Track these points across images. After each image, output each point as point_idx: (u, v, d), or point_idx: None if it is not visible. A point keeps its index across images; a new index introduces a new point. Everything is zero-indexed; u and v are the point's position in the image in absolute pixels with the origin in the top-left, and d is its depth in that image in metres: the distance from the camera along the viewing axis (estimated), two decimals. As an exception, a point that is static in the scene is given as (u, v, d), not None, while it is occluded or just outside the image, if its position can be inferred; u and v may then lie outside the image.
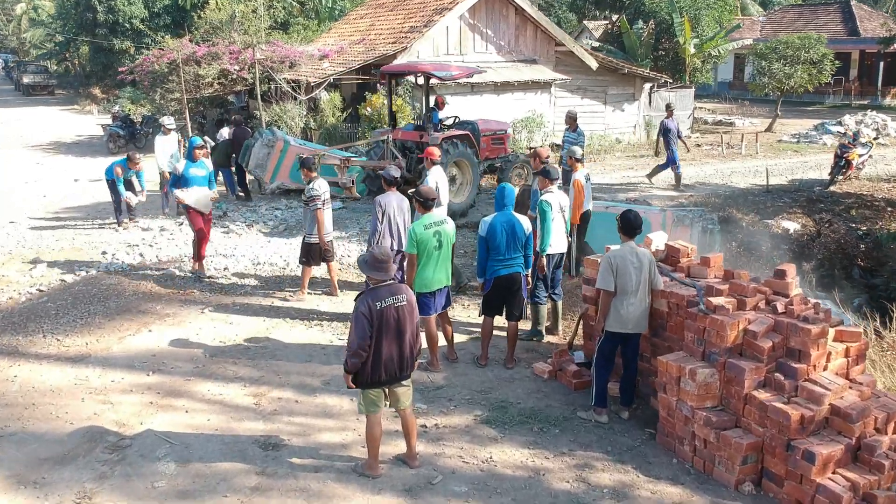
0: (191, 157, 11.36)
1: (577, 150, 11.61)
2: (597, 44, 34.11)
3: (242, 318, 10.06)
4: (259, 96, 21.25)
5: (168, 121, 15.79)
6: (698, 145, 27.15)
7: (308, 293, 10.91)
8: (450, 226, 8.31)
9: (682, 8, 30.21)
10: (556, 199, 9.24)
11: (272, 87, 23.90)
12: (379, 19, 27.86)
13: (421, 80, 16.70)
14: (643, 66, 30.41)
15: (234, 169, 17.33)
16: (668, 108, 19.53)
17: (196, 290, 11.10)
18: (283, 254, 12.81)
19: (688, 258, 7.90)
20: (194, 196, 11.29)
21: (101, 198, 16.65)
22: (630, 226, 7.16)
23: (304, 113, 22.78)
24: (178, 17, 43.24)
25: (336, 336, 9.45)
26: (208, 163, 11.74)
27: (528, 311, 9.49)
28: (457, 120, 16.79)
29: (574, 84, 26.32)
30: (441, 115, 16.14)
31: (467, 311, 10.44)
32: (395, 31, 25.17)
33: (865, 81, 45.78)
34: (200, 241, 11.49)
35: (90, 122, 36.03)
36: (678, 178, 18.47)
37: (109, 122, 30.44)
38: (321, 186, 10.59)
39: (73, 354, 8.91)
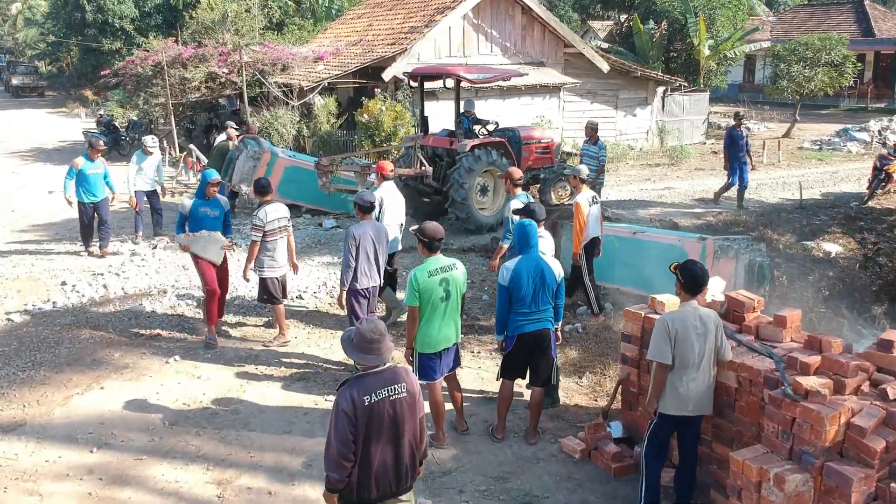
0: (202, 193, 9.24)
1: (583, 170, 10.29)
2: (604, 45, 32.57)
3: (214, 368, 8.55)
4: (246, 101, 19.72)
5: (151, 142, 13.92)
6: (714, 153, 25.62)
7: (294, 336, 9.40)
8: (459, 271, 6.79)
9: (696, 7, 28.69)
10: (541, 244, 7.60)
11: (264, 90, 22.36)
12: (377, 19, 26.35)
13: (450, 84, 15.24)
14: (655, 68, 28.90)
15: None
16: (737, 117, 17.10)
17: (163, 330, 9.59)
18: (267, 284, 11.29)
19: (754, 314, 6.38)
20: (201, 242, 9.12)
21: (76, 213, 15.13)
22: (694, 281, 5.64)
23: (297, 119, 21.27)
24: (169, 16, 41.83)
25: (323, 395, 7.94)
26: (223, 201, 9.54)
27: (558, 375, 7.91)
28: (496, 126, 15.50)
29: (584, 88, 24.82)
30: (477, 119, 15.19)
31: (477, 360, 8.92)
32: (394, 32, 23.66)
33: (881, 84, 44.28)
34: (210, 298, 9.21)
35: (77, 126, 34.51)
36: (741, 195, 16.72)
37: (94, 126, 28.98)
38: (268, 214, 9.06)
39: (5, 421, 7.39)
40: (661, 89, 27.02)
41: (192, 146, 20.66)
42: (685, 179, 20.20)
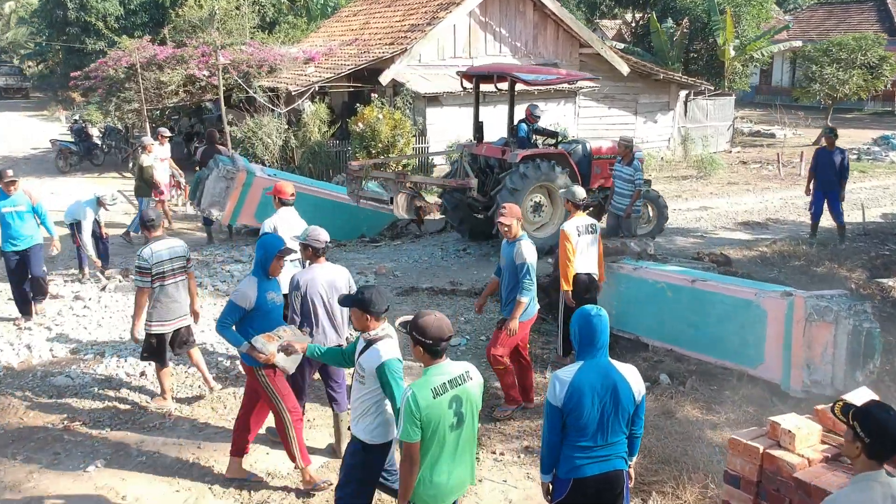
0: (265, 268, 6.01)
1: (578, 192, 8.52)
2: (619, 45, 30.33)
3: (147, 480, 6.32)
4: (223, 108, 17.47)
5: (110, 199, 11.55)
6: (744, 162, 23.43)
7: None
8: (475, 382, 4.56)
9: (720, 4, 26.45)
10: None
11: (249, 94, 20.11)
12: (374, 16, 24.12)
13: (504, 86, 13.26)
14: (674, 70, 26.68)
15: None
16: (830, 133, 13.44)
17: (86, 420, 7.34)
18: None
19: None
20: (288, 359, 5.86)
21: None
22: (887, 441, 3.38)
23: (284, 128, 19.05)
24: (156, 14, 39.63)
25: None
26: (284, 284, 6.63)
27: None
28: (562, 137, 13.42)
29: (601, 92, 22.62)
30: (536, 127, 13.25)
31: (501, 468, 6.67)
32: (392, 31, 21.44)
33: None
34: (298, 422, 6.17)
35: (55, 131, 32.29)
36: (841, 230, 13.39)
37: (69, 133, 26.75)
38: (155, 254, 7.07)
39: None
40: (682, 93, 24.82)
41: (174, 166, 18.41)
42: (720, 196, 17.97)
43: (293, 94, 18.88)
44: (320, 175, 18.51)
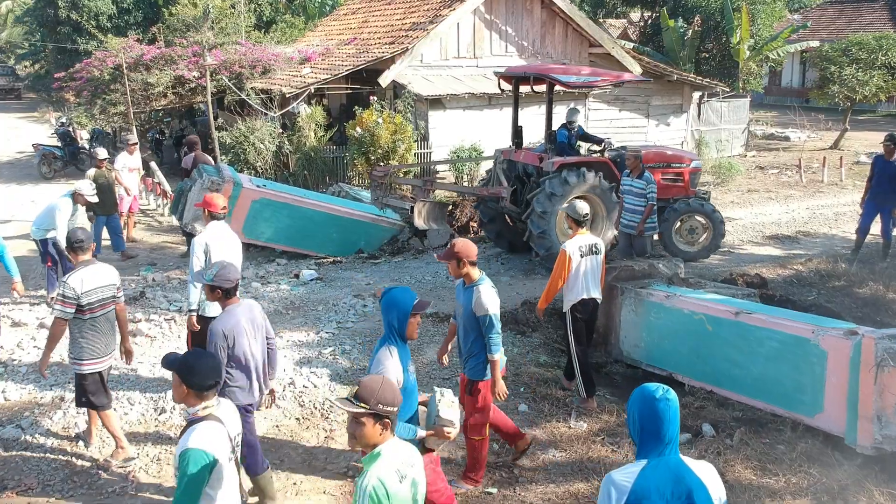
0: (401, 332, 4.90)
1: (580, 208, 7.73)
2: (628, 44, 29.21)
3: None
4: (211, 112, 16.37)
5: (89, 189, 10.28)
6: (761, 168, 22.34)
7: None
8: (420, 465, 3.59)
9: (735, 2, 25.34)
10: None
11: (241, 97, 19.02)
12: (374, 14, 23.03)
13: (541, 88, 12.18)
14: (686, 70, 25.59)
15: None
16: (890, 142, 11.55)
17: (33, 485, 6.24)
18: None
19: None
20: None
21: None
22: None
23: (279, 132, 17.96)
24: (150, 13, 38.59)
25: None
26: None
27: None
28: (607, 145, 12.28)
29: (611, 94, 21.50)
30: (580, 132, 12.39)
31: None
32: (393, 29, 20.35)
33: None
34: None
35: (45, 133, 31.23)
36: (886, 246, 11.97)
37: (56, 137, 25.64)
38: (84, 282, 6.12)
39: None
40: (696, 95, 23.71)
41: (153, 165, 17.37)
42: (742, 205, 16.86)
43: (287, 96, 17.79)
44: (316, 183, 17.44)
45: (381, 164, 16.33)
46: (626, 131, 21.08)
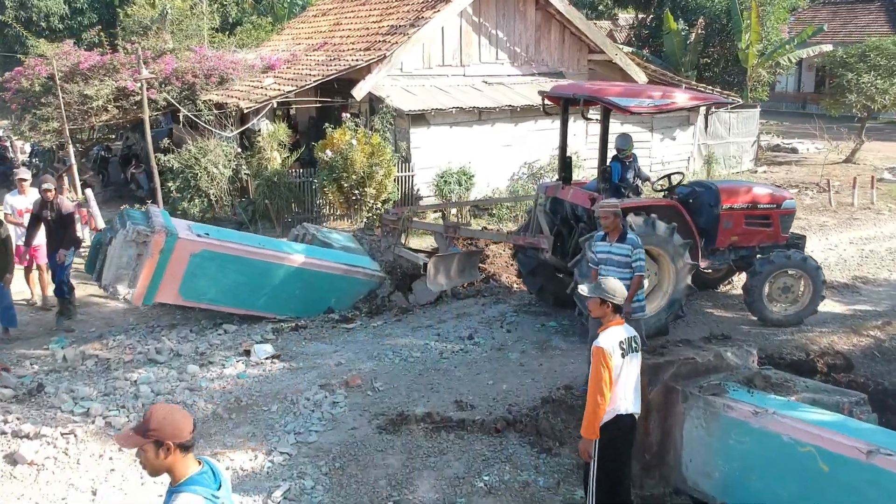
0: None
1: (616, 288, 5.69)
2: (625, 49, 26.95)
3: None
4: (148, 134, 13.78)
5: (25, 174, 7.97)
6: (778, 186, 20.07)
7: None
8: None
9: (742, 3, 23.12)
10: None
11: (196, 112, 16.46)
12: (346, 16, 20.56)
13: (594, 114, 9.82)
14: (688, 77, 23.37)
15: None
16: None
17: None
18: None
19: None
20: None
21: None
22: None
23: (236, 153, 15.45)
24: (105, 14, 35.99)
25: None
26: None
27: None
28: (673, 178, 10.09)
29: (613, 105, 19.19)
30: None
31: None
32: (369, 33, 17.92)
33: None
34: None
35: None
36: None
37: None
38: None
39: None
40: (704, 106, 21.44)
41: (88, 193, 14.77)
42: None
43: (246, 111, 15.27)
44: (280, 213, 14.97)
45: (356, 192, 13.94)
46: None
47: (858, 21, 42.53)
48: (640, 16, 30.00)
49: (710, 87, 22.39)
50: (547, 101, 10.01)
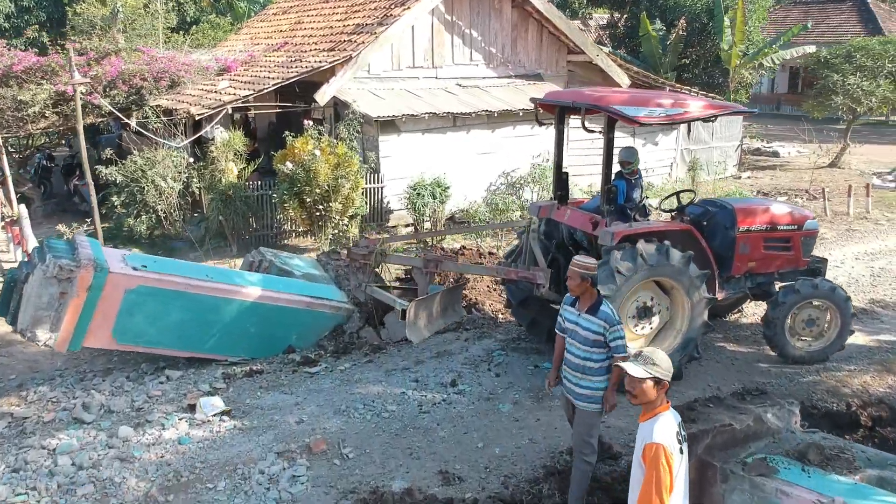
0: None
1: (662, 359, 4.40)
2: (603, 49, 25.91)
3: None
4: (83, 146, 12.29)
5: None
6: (764, 194, 19.14)
7: None
8: None
9: (726, 3, 22.16)
10: None
11: (145, 119, 15.00)
12: (308, 14, 19.21)
13: (595, 124, 8.42)
14: (668, 79, 22.35)
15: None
16: None
17: None
18: None
19: None
20: None
21: None
22: None
23: (189, 163, 14.05)
24: (54, 12, 34.10)
25: None
26: None
27: None
28: (682, 196, 9.01)
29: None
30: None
31: None
32: (333, 33, 16.61)
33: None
34: None
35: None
36: None
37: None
38: None
39: None
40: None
41: (22, 209, 13.28)
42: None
43: (197, 118, 13.87)
44: (236, 231, 13.60)
45: (321, 207, 12.62)
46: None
47: (830, 21, 42.07)
48: (616, 15, 28.95)
49: (690, 89, 21.39)
50: (540, 110, 8.78)
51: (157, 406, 7.58)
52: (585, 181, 16.69)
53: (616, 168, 8.42)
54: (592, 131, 8.21)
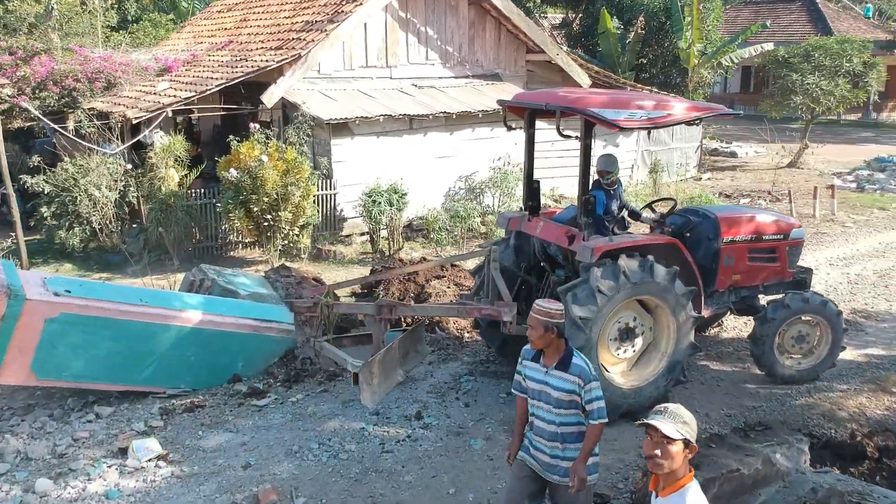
0: None
1: (692, 418, 3.57)
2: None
3: None
4: (3, 154, 11.21)
5: None
6: (728, 196, 18.76)
7: None
8: None
9: (683, 2, 21.73)
10: None
11: (53, 126, 13.91)
12: (254, 11, 18.26)
13: (571, 130, 7.42)
14: (626, 78, 21.86)
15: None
16: None
17: None
18: None
19: None
20: None
21: None
22: None
23: (126, 168, 13.04)
24: (-17, 9, 32.48)
25: None
26: None
27: None
28: (660, 205, 8.61)
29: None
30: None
31: None
32: (281, 30, 15.71)
33: (848, 93, 38.97)
34: None
35: None
36: None
37: None
38: None
39: None
40: (647, 109, 19.94)
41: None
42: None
43: (135, 121, 12.86)
44: (178, 244, 12.65)
45: (269, 217, 11.76)
46: (568, 155, 16.92)
47: (780, 21, 42.28)
48: (571, 14, 28.44)
49: (650, 89, 20.92)
50: (508, 113, 8.06)
51: (82, 451, 6.68)
52: (546, 185, 16.05)
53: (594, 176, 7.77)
54: (569, 137, 7.51)
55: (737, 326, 9.43)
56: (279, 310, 8.55)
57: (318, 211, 13.16)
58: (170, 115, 13.29)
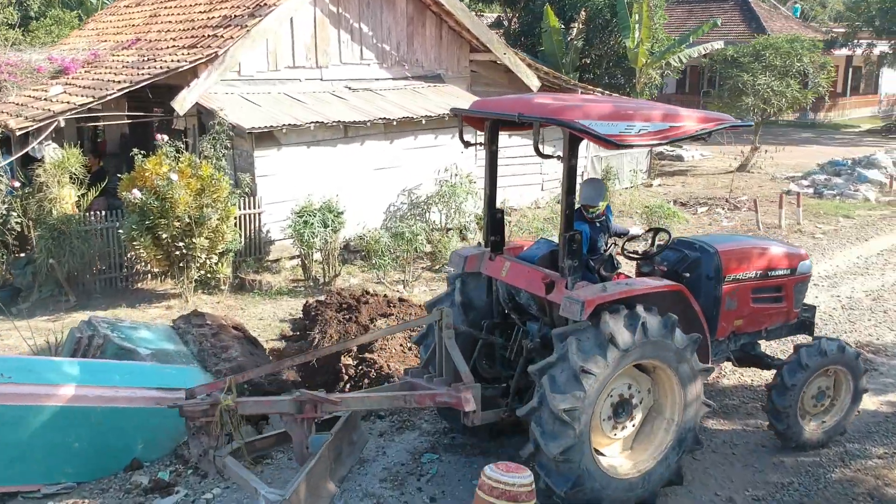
0: None
1: None
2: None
3: None
4: None
5: None
6: (683, 204, 17.67)
7: None
8: None
9: (630, 1, 20.56)
10: None
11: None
12: (166, 6, 16.32)
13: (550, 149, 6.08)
14: (571, 78, 20.60)
15: None
16: None
17: None
18: None
19: None
20: None
21: None
22: None
23: (16, 187, 11.07)
24: None
25: None
26: None
27: None
28: (662, 241, 6.83)
29: (500, 114, 16.03)
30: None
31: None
32: (195, 26, 13.87)
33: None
34: None
35: None
36: None
37: None
38: None
39: None
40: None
41: None
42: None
43: (19, 132, 10.91)
44: (74, 276, 10.76)
45: (181, 244, 10.00)
46: (516, 163, 15.48)
47: (714, 20, 41.98)
48: (508, 13, 27.06)
49: (594, 90, 19.71)
50: (465, 128, 6.45)
51: None
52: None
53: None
54: (549, 157, 6.00)
55: (736, 370, 8.10)
56: (190, 371, 6.84)
57: (239, 234, 11.40)
58: (61, 124, 11.34)
